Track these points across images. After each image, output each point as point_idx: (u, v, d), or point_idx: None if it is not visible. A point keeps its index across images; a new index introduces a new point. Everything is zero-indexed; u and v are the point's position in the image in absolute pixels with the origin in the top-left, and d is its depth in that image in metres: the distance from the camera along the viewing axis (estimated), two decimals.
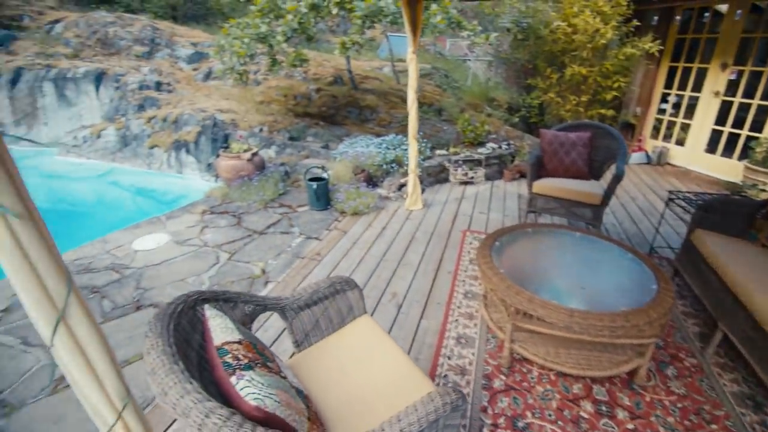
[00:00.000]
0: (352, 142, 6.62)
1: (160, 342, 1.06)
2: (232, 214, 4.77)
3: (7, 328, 2.86)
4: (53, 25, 10.46)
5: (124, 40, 9.23)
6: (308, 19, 5.46)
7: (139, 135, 7.09)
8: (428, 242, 4.34)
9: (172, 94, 7.74)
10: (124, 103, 7.50)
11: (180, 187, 6.67)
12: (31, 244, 0.97)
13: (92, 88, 7.83)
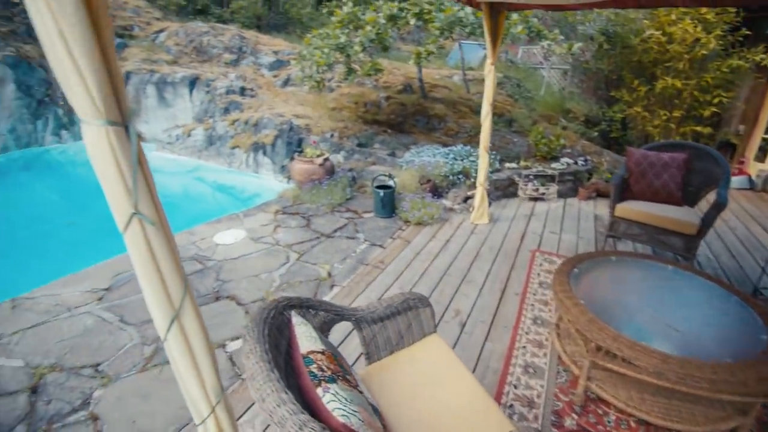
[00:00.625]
0: (418, 151, 6.63)
1: (258, 348, 1.13)
2: (302, 216, 5.00)
3: (108, 305, 3.24)
4: (158, 35, 11.79)
5: (216, 48, 10.14)
6: (386, 29, 5.58)
7: (223, 136, 7.73)
8: (494, 260, 4.19)
9: (254, 99, 8.34)
10: (213, 106, 8.24)
11: (255, 186, 7.15)
12: (160, 249, 1.08)
13: (186, 92, 8.69)
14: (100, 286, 3.40)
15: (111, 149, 0.94)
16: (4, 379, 2.51)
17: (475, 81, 10.40)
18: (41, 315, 3.05)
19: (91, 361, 2.66)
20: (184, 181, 7.92)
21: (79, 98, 0.87)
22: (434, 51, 5.45)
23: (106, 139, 0.93)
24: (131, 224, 1.04)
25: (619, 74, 8.45)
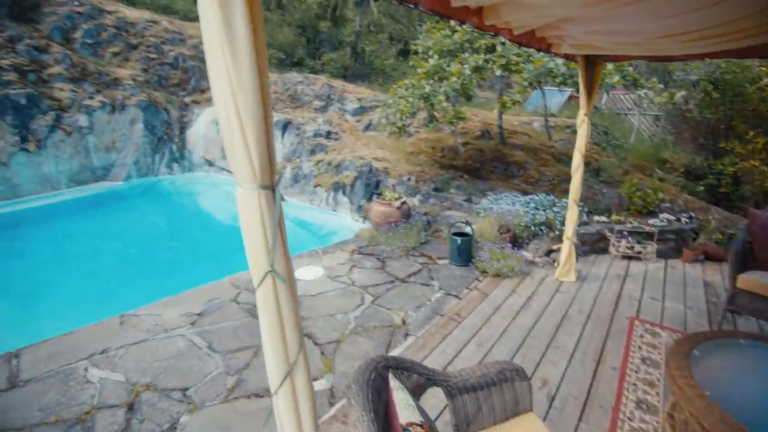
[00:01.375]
0: (496, 198, 6.45)
1: (365, 417, 1.09)
2: (377, 257, 5.04)
3: (199, 330, 3.47)
4: None
5: (308, 96, 11.16)
6: (470, 80, 5.68)
7: (308, 175, 8.30)
8: (584, 324, 3.78)
9: (338, 142, 8.91)
10: (301, 148, 8.96)
11: (333, 223, 7.46)
12: (286, 305, 1.12)
13: (279, 134, 9.59)
14: (194, 310, 3.67)
15: (260, 211, 1.02)
16: (107, 392, 2.75)
17: (557, 127, 10.06)
18: (143, 333, 3.35)
19: (180, 385, 2.83)
20: None
21: (241, 164, 0.97)
22: (520, 100, 5.39)
23: (257, 201, 1.01)
24: (265, 280, 1.09)
25: (729, 124, 7.61)
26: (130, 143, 10.33)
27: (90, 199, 9.23)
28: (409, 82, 6.34)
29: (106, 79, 10.36)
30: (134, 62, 11.59)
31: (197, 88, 12.36)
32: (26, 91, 8.61)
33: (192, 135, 11.46)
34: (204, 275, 5.95)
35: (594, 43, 3.16)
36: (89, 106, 9.52)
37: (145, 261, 6.81)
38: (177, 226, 8.67)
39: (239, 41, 0.94)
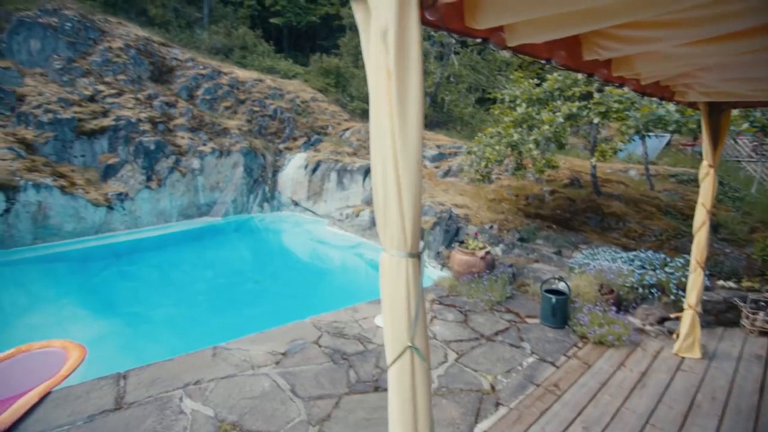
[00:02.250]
0: (592, 253, 5.84)
1: None
2: (459, 309, 4.76)
3: (283, 371, 3.47)
4: (344, 132, 14.33)
5: None
6: (563, 128, 5.42)
7: None
8: (721, 417, 3.07)
9: None
10: None
11: None
12: (421, 385, 1.03)
13: (361, 179, 10.02)
14: (279, 349, 3.72)
15: (406, 280, 0.96)
16: (198, 425, 2.81)
17: (659, 176, 9.09)
18: (232, 367, 3.45)
19: (264, 428, 2.79)
20: (346, 255, 8.75)
21: (393, 230, 0.93)
22: (624, 148, 4.97)
23: (404, 270, 0.96)
24: (403, 356, 1.01)
25: None
26: (231, 184, 11.55)
27: (193, 232, 10.35)
28: (495, 129, 6.25)
29: (218, 129, 11.92)
30: (241, 114, 13.26)
31: (290, 136, 13.64)
32: (156, 138, 10.21)
33: (282, 178, 12.49)
34: (286, 311, 6.16)
35: (729, 90, 2.80)
36: (202, 152, 10.95)
37: (234, 291, 7.28)
38: (263, 261, 9.23)
39: (411, 104, 0.94)
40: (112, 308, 6.23)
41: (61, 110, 9.33)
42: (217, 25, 19.52)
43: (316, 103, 15.63)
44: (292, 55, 21.23)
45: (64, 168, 8.90)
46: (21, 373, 3.42)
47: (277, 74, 17.42)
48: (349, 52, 20.49)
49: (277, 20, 22.86)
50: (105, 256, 8.43)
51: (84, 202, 8.57)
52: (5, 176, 7.64)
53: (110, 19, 13.46)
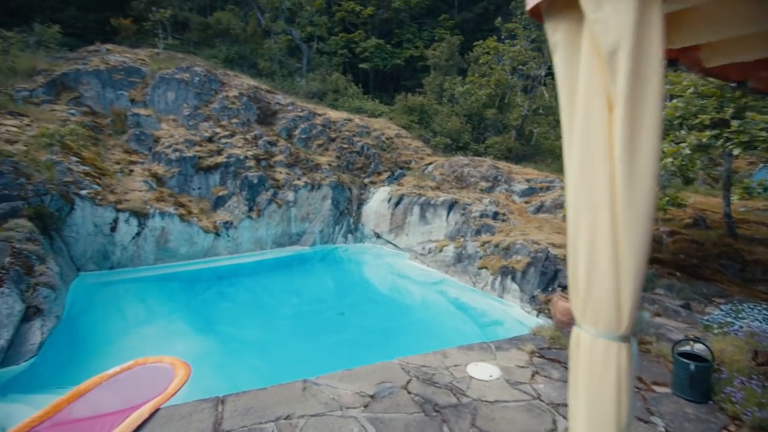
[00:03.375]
0: (735, 309, 4.77)
1: None
2: (565, 366, 4.15)
3: (371, 416, 3.27)
4: (427, 167, 14.40)
5: (474, 177, 11.34)
6: (691, 161, 4.67)
7: (473, 255, 8.03)
8: None
9: (505, 223, 8.50)
10: (466, 227, 8.88)
11: (498, 311, 6.81)
12: None
13: (444, 213, 9.81)
14: (367, 391, 3.55)
15: (616, 370, 0.75)
16: None
17: None
18: (321, 405, 3.36)
19: None
20: (428, 291, 8.45)
21: (601, 308, 0.74)
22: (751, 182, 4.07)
23: (614, 357, 0.76)
24: None
25: None
26: (319, 215, 12.17)
27: (284, 260, 11.00)
28: None
29: (311, 165, 12.82)
30: (331, 151, 14.15)
31: (375, 171, 14.10)
32: (258, 173, 11.28)
33: (366, 210, 12.84)
34: (367, 344, 6.06)
35: None
36: (296, 185, 11.80)
37: (317, 319, 7.42)
38: (345, 291, 9.35)
39: (643, 143, 0.75)
40: (211, 326, 6.70)
41: (186, 149, 10.85)
42: (314, 73, 21.60)
43: (400, 139, 16.08)
44: (378, 96, 22.44)
45: (183, 199, 10.21)
46: (136, 384, 3.73)
47: (365, 113, 18.45)
48: (432, 90, 21.03)
49: (365, 65, 24.62)
50: (210, 277, 9.30)
51: (197, 228, 9.66)
52: (139, 205, 8.99)
53: (228, 72, 15.68)
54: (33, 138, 8.50)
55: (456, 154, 16.07)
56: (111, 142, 10.86)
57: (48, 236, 7.08)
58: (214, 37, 22.63)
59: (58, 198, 7.64)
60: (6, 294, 4.45)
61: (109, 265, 8.58)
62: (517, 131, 17.40)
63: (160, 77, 12.89)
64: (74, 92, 11.94)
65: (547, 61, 16.43)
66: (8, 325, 4.16)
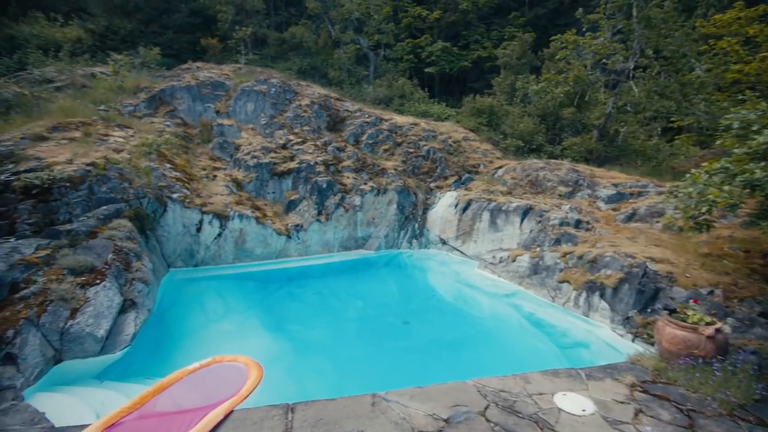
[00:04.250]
0: None
1: None
2: (677, 406, 3.48)
3: None
4: (497, 170, 13.68)
5: (550, 182, 10.48)
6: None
7: (551, 267, 7.32)
8: None
9: (590, 233, 7.65)
10: (542, 236, 8.16)
11: (582, 332, 6.07)
12: None
13: (518, 220, 9.15)
14: (440, 413, 3.27)
15: None
16: None
17: None
18: (392, 425, 3.14)
19: None
20: (499, 304, 7.88)
21: None
22: None
23: None
24: None
25: None
26: (385, 220, 12.12)
27: (349, 263, 11.10)
28: (720, 164, 4.75)
29: (377, 169, 12.85)
30: (397, 156, 14.07)
31: (441, 175, 13.74)
32: (327, 178, 11.55)
33: (432, 215, 12.52)
34: (438, 360, 5.75)
35: None
36: (363, 190, 11.88)
37: (383, 325, 7.27)
38: (409, 298, 9.11)
39: None
40: (281, 324, 6.86)
41: (262, 156, 11.47)
42: (380, 79, 21.86)
43: (467, 142, 15.53)
44: (443, 100, 22.02)
45: (259, 202, 10.78)
46: (213, 382, 3.83)
47: (431, 117, 18.17)
48: (503, 91, 20.09)
49: (431, 69, 24.35)
50: (281, 278, 9.66)
51: (271, 230, 10.11)
52: (221, 208, 9.63)
53: (301, 82, 16.42)
54: (135, 147, 9.53)
55: (529, 157, 15.08)
56: (199, 150, 11.85)
57: (144, 235, 7.83)
58: (288, 50, 24.01)
59: (153, 201, 8.43)
60: (107, 287, 4.93)
61: (195, 263, 9.28)
62: (599, 131, 15.88)
63: (241, 90, 13.86)
64: (170, 106, 13.29)
65: (635, 53, 14.80)
66: (108, 316, 4.59)
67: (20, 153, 7.65)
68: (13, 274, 4.39)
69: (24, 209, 6.38)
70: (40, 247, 5.21)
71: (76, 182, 7.22)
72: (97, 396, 3.74)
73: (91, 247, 5.64)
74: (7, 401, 3.09)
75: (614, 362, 4.34)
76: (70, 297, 4.49)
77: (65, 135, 8.96)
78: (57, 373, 4.00)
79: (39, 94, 11.30)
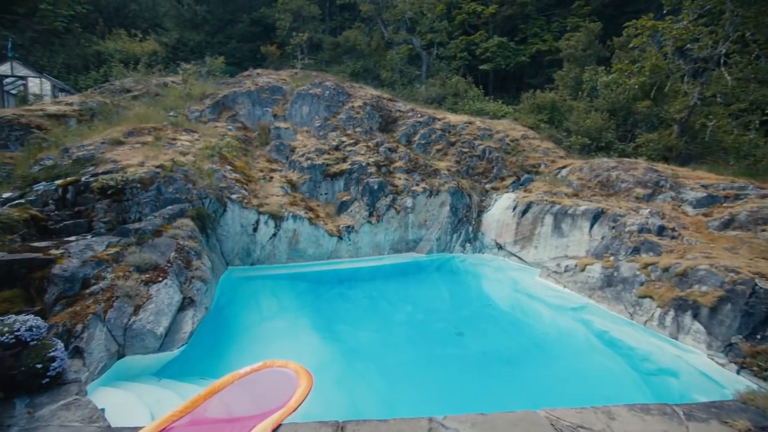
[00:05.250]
0: None
1: None
2: None
3: None
4: (560, 170, 12.67)
5: (625, 183, 9.43)
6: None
7: (629, 279, 6.48)
8: None
9: (676, 241, 6.68)
10: (617, 243, 7.29)
11: (669, 357, 5.24)
12: None
13: (587, 225, 8.30)
14: None
15: None
16: None
17: None
18: None
19: None
20: (564, 318, 7.14)
21: None
22: None
23: None
24: None
25: None
26: (437, 222, 11.70)
27: (400, 266, 10.83)
28: None
29: (429, 170, 12.46)
30: (450, 156, 13.58)
31: (498, 176, 13.01)
32: (379, 180, 11.38)
33: (487, 218, 11.87)
34: (494, 376, 5.25)
35: None
36: (414, 191, 11.56)
37: (433, 332, 6.89)
38: (463, 305, 8.62)
39: None
40: (330, 327, 6.70)
41: (316, 157, 11.58)
42: (433, 78, 21.40)
43: (526, 140, 14.61)
44: (499, 97, 21.03)
45: (312, 203, 10.88)
46: (263, 388, 3.73)
47: (486, 115, 17.39)
48: (566, 85, 18.72)
49: (486, 66, 23.40)
50: (332, 279, 9.63)
51: (323, 231, 10.14)
52: (276, 208, 9.82)
53: (354, 84, 16.48)
54: (199, 150, 10.02)
55: (596, 155, 13.82)
56: (257, 153, 12.25)
57: (205, 234, 8.14)
58: (342, 54, 24.38)
59: (214, 201, 8.77)
60: (168, 285, 5.09)
61: (251, 262, 9.54)
62: (680, 126, 14.16)
63: (297, 93, 14.18)
64: (231, 111, 13.94)
65: (727, 36, 12.96)
66: (168, 313, 4.73)
67: (99, 156, 8.32)
68: (85, 270, 4.66)
69: (100, 208, 6.88)
70: (110, 244, 5.52)
71: (146, 183, 7.68)
72: (154, 394, 3.80)
73: (156, 245, 5.90)
74: (71, 395, 3.19)
75: (719, 399, 3.62)
76: (135, 294, 4.67)
77: (138, 139, 9.65)
78: (118, 369, 4.15)
79: (118, 102, 12.36)
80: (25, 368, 3.23)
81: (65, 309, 4.15)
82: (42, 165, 8.17)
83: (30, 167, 8.28)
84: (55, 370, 3.37)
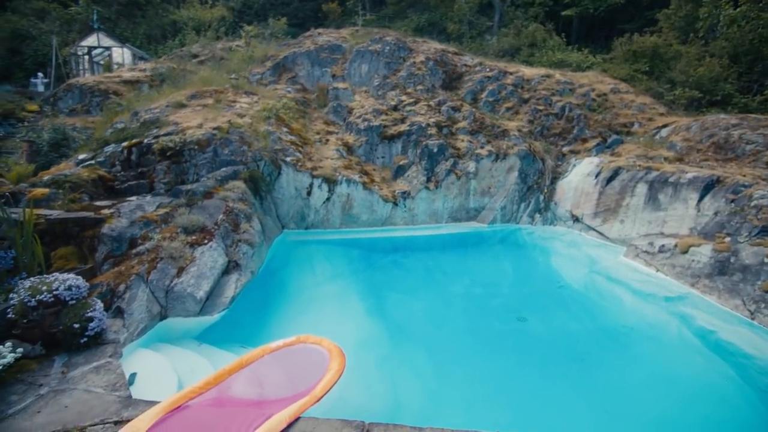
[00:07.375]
0: None
1: None
2: None
3: None
4: (659, 130, 10.62)
5: (750, 145, 7.49)
6: None
7: (752, 267, 5.10)
8: None
9: None
10: (736, 221, 5.79)
11: None
12: None
13: (694, 196, 6.74)
14: None
15: None
16: None
17: None
18: None
19: None
20: (656, 309, 5.91)
21: None
22: None
23: None
24: None
25: None
26: (503, 189, 10.59)
27: (459, 236, 10.06)
28: None
29: (497, 131, 11.19)
30: (523, 114, 12.06)
31: (578, 137, 11.32)
32: (439, 141, 10.47)
33: (562, 186, 10.47)
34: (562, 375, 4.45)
35: None
36: (478, 155, 10.48)
37: (494, 318, 6.15)
38: (528, 285, 7.71)
39: None
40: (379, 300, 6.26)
41: (373, 119, 10.94)
42: (506, 29, 19.13)
43: (617, 95, 12.46)
44: (584, 47, 18.19)
45: (368, 167, 10.39)
46: (292, 366, 3.44)
47: (568, 67, 15.17)
48: (672, 26, 15.54)
49: (570, 11, 20.28)
50: (385, 247, 9.22)
51: (377, 197, 9.67)
52: (330, 172, 9.51)
53: (417, 39, 15.22)
54: (257, 112, 9.92)
55: (709, 111, 11.34)
56: (315, 115, 11.94)
57: (259, 197, 8.09)
58: (406, 8, 22.76)
59: (269, 163, 8.65)
60: (213, 248, 5.01)
61: (305, 226, 9.45)
62: None
63: (356, 51, 13.44)
64: (291, 72, 13.68)
65: None
66: (209, 277, 4.65)
67: (163, 119, 8.53)
68: (132, 230, 4.70)
69: (161, 169, 7.04)
70: (161, 205, 5.57)
71: (203, 145, 7.72)
72: (188, 362, 3.71)
73: (205, 207, 5.86)
74: (105, 356, 3.15)
75: None
76: (179, 255, 4.62)
77: (200, 102, 9.77)
78: (160, 330, 4.15)
79: (185, 67, 12.71)
80: (64, 327, 3.23)
81: (112, 269, 4.21)
82: (114, 128, 8.61)
83: (106, 130, 8.80)
84: (93, 330, 3.35)
